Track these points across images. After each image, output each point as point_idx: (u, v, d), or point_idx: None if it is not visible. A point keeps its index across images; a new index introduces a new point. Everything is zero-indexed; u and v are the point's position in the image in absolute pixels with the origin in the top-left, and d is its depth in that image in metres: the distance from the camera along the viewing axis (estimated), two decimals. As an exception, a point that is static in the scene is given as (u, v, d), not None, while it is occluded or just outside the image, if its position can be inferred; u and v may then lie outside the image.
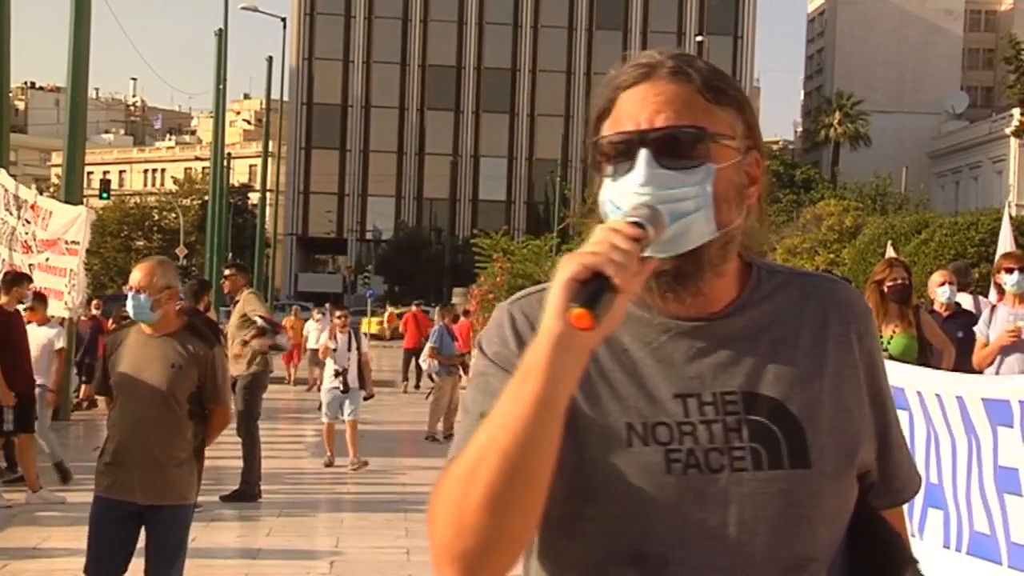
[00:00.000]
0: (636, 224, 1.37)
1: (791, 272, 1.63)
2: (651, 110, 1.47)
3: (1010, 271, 8.12)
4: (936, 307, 8.80)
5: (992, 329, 8.03)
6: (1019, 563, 6.09)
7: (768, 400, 1.49)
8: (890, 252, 13.96)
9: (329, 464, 12.27)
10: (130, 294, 5.17)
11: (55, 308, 12.33)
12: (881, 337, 7.87)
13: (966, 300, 9.52)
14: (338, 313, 13.28)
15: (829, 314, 1.56)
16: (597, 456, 1.48)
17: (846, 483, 1.51)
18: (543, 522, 1.46)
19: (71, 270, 12.76)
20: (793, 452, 1.47)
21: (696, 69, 1.51)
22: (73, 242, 13.12)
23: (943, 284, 8.88)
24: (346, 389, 12.43)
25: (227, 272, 11.38)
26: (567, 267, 1.31)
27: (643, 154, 1.44)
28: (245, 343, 10.46)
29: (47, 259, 13.12)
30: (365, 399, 12.93)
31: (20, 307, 10.71)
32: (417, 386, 22.50)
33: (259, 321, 10.49)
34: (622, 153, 1.47)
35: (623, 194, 1.44)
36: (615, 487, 1.46)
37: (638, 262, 1.33)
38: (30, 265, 12.65)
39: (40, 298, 11.83)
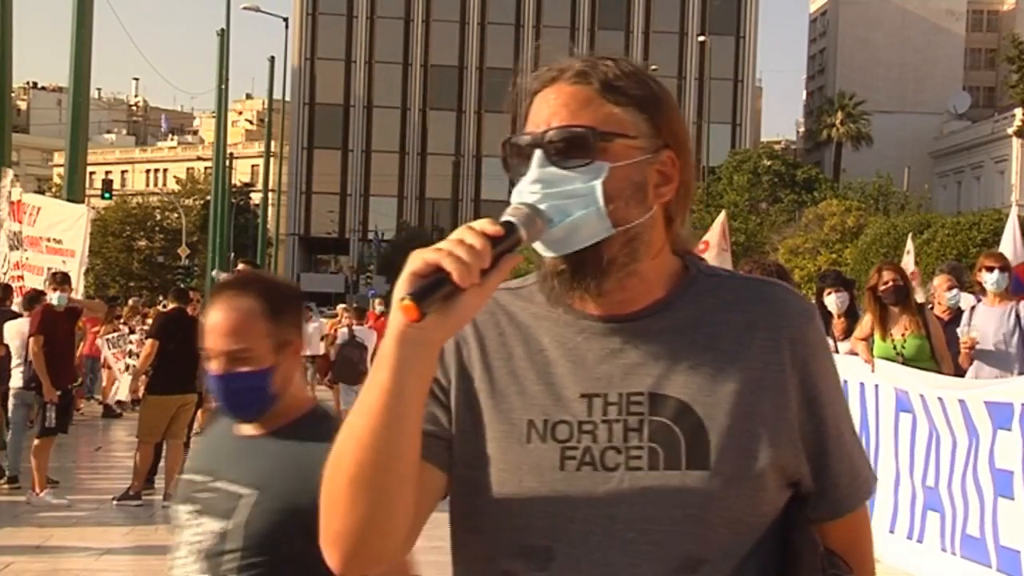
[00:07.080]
0: (505, 224, 1.40)
1: (729, 275, 1.64)
2: (549, 112, 1.51)
3: (991, 270, 8.06)
4: (939, 312, 8.75)
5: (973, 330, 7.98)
6: (1008, 567, 6.09)
7: (674, 401, 1.49)
8: (906, 259, 13.77)
9: None
10: None
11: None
12: (893, 341, 7.84)
13: (968, 300, 9.51)
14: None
15: (758, 318, 1.55)
16: (494, 451, 1.51)
17: (750, 487, 1.49)
18: (451, 514, 1.54)
19: (49, 268, 12.80)
20: (692, 453, 1.47)
21: (600, 71, 1.53)
22: (56, 240, 13.12)
23: (951, 288, 8.83)
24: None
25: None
26: (411, 262, 1.35)
27: (536, 154, 1.48)
28: None
29: (27, 257, 13.12)
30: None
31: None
32: None
33: None
34: (524, 155, 1.50)
35: (519, 194, 1.48)
36: (507, 482, 1.50)
37: (488, 259, 1.35)
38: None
39: (7, 290, 11.90)
